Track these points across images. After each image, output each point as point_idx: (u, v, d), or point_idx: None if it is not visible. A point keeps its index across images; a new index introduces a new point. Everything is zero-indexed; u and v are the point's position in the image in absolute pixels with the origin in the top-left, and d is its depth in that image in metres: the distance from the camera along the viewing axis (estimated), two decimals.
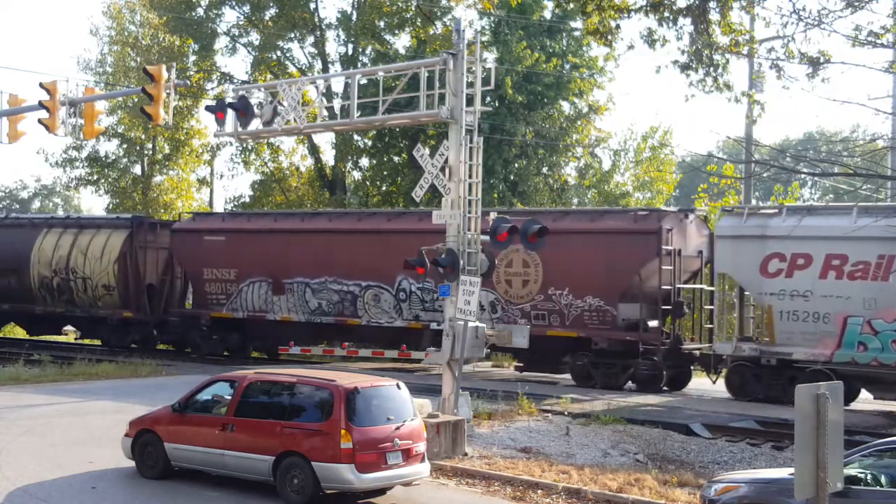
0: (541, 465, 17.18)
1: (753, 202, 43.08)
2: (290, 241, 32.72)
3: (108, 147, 53.14)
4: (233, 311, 33.82)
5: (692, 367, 28.72)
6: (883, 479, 11.50)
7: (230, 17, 50.28)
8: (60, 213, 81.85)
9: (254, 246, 33.33)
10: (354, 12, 45.80)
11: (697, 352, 28.21)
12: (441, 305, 25.11)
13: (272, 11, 46.59)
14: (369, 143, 46.13)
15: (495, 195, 41.43)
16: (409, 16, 45.29)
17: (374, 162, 46.79)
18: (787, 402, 23.45)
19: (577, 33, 42.67)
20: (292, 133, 26.81)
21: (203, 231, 35.03)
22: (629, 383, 27.63)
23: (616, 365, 27.30)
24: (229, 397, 14.91)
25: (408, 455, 14.21)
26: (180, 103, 45.63)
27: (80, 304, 36.94)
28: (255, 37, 48.15)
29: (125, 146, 52.34)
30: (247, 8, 47.27)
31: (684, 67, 17.14)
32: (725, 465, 18.94)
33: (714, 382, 27.69)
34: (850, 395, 25.33)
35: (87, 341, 40.58)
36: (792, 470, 10.43)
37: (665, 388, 27.59)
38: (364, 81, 35.16)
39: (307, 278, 32.30)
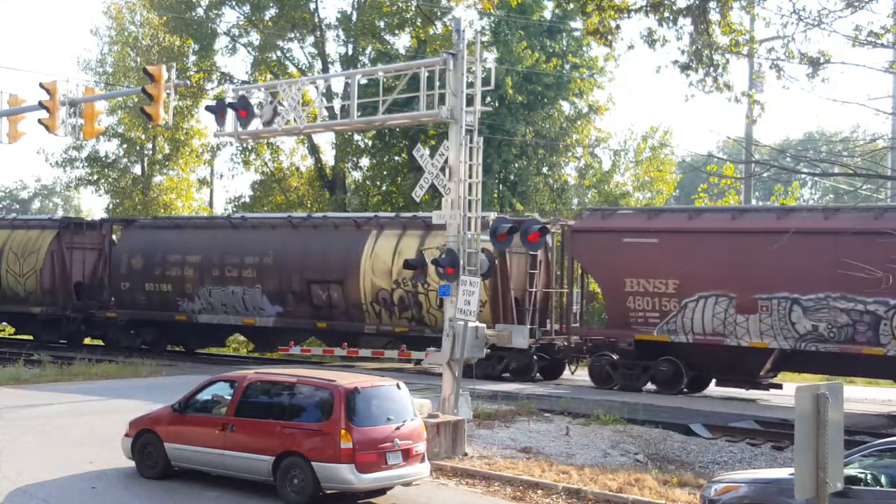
0: (541, 465, 17.18)
1: (754, 202, 43.10)
2: (762, 243, 24.48)
3: (108, 147, 53.18)
4: (669, 332, 26.65)
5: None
6: (883, 479, 11.50)
7: (230, 17, 50.37)
8: (61, 212, 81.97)
9: (706, 250, 26.33)
10: (354, 12, 45.82)
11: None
12: None
13: (272, 11, 46.61)
14: (369, 143, 46.15)
15: (495, 195, 41.45)
16: (409, 16, 45.31)
17: (374, 162, 46.81)
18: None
19: (577, 33, 42.69)
20: (292, 133, 26.81)
21: (622, 231, 27.87)
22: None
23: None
24: (229, 397, 14.91)
25: (408, 455, 14.21)
26: (180, 103, 45.63)
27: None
28: (255, 37, 48.20)
29: (125, 146, 52.34)
30: (247, 8, 47.29)
31: (684, 67, 17.13)
32: (725, 465, 18.94)
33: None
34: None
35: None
36: (792, 470, 10.43)
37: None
38: (364, 81, 35.19)
39: (795, 293, 25.15)
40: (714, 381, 27.76)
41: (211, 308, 34.11)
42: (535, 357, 29.20)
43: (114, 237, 38.41)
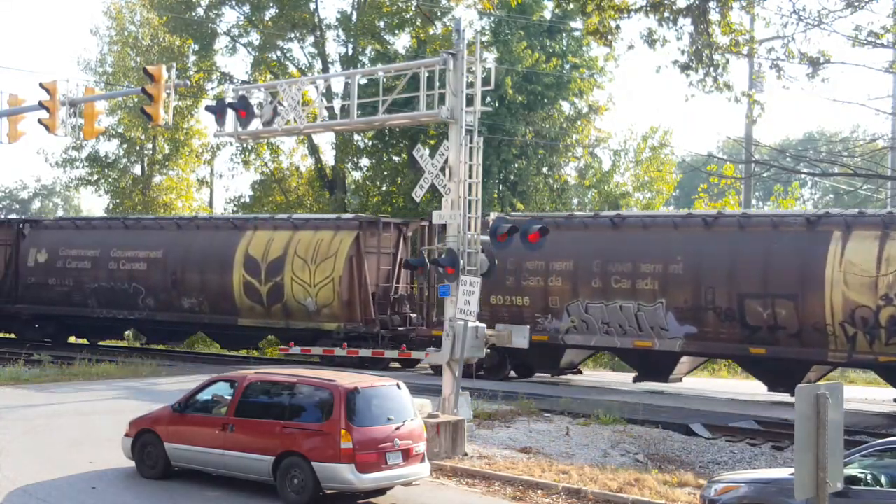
0: (541, 465, 17.18)
1: (754, 202, 43.12)
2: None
3: (108, 147, 53.27)
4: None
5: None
6: (883, 479, 11.51)
7: (230, 17, 50.46)
8: (61, 212, 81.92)
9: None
10: (354, 12, 45.83)
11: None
12: None
13: (272, 11, 46.62)
14: (369, 143, 46.15)
15: (495, 195, 41.44)
16: (409, 16, 45.31)
17: (374, 162, 46.81)
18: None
19: (577, 33, 42.69)
20: (292, 133, 26.81)
21: None
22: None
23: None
24: (229, 397, 14.91)
25: (408, 455, 14.20)
26: (180, 103, 45.64)
27: None
28: (255, 37, 48.22)
29: (125, 146, 52.35)
30: (247, 8, 47.31)
31: (684, 67, 17.17)
32: (725, 465, 18.94)
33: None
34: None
35: None
36: (792, 470, 10.44)
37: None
38: (364, 81, 35.21)
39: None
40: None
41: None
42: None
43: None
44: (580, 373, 31.55)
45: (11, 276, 38.69)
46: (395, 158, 45.61)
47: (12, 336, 39.83)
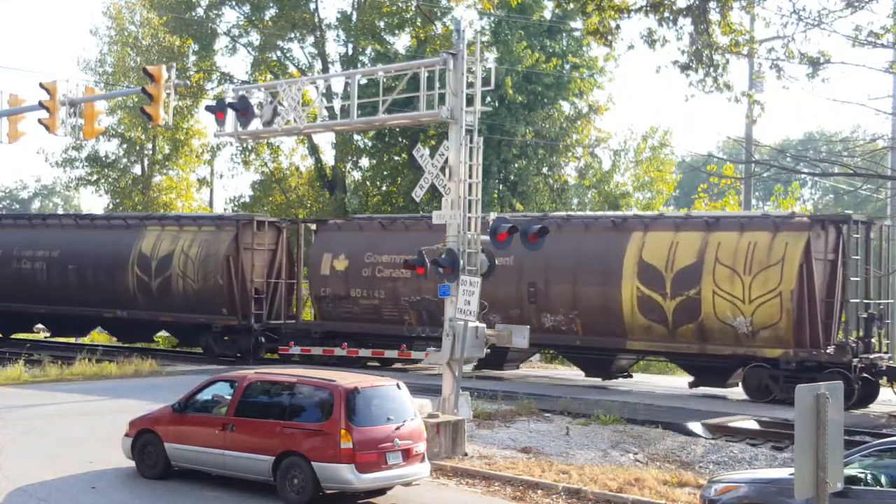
0: (541, 465, 17.18)
1: (754, 202, 43.10)
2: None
3: (108, 147, 53.19)
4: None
5: None
6: (883, 479, 11.50)
7: (230, 17, 50.43)
8: (61, 212, 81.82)
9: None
10: (354, 12, 45.83)
11: None
12: None
13: (272, 11, 46.63)
14: (369, 143, 46.15)
15: (495, 195, 41.44)
16: (409, 16, 45.32)
17: (374, 162, 46.82)
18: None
19: (577, 33, 42.69)
20: (292, 133, 26.81)
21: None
22: None
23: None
24: (229, 397, 14.91)
25: (408, 455, 14.20)
26: (180, 103, 45.65)
27: None
28: (255, 37, 48.22)
29: (125, 146, 52.35)
30: (247, 8, 47.31)
31: (684, 67, 17.18)
32: (725, 465, 18.93)
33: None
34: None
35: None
36: (792, 470, 10.44)
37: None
38: (364, 81, 35.17)
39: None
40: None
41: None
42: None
43: None
44: None
45: None
46: (395, 158, 45.61)
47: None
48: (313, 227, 34.86)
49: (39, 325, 42.22)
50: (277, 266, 34.24)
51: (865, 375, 24.78)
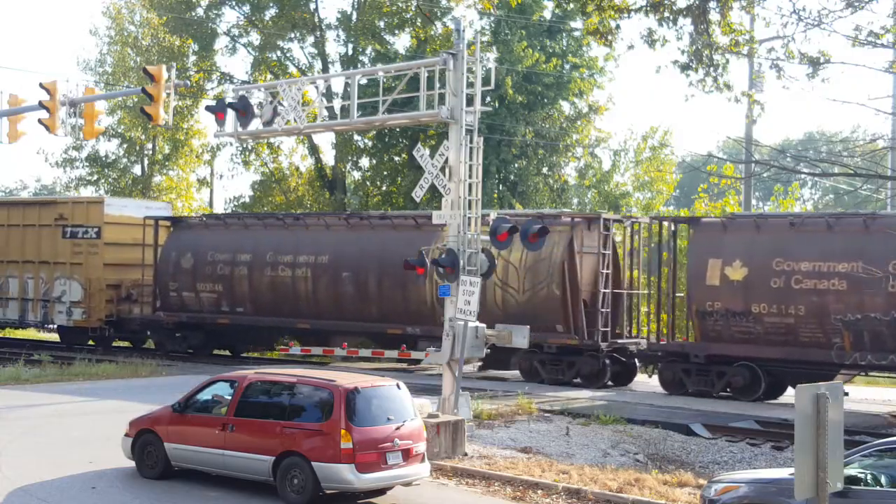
0: (541, 465, 17.19)
1: (754, 202, 43.13)
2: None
3: (108, 147, 53.18)
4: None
5: None
6: (883, 479, 11.50)
7: (230, 17, 50.37)
8: None
9: None
10: (354, 12, 45.84)
11: None
12: None
13: (272, 11, 46.63)
14: (369, 143, 46.16)
15: (494, 195, 41.45)
16: (409, 16, 45.33)
17: (374, 162, 46.83)
18: None
19: (577, 33, 42.70)
20: (292, 133, 26.82)
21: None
22: None
23: None
24: (229, 397, 14.91)
25: (408, 455, 14.20)
26: (180, 103, 45.63)
27: None
28: (255, 37, 48.22)
29: (125, 146, 52.35)
30: (247, 8, 47.31)
31: (684, 67, 17.15)
32: (725, 465, 18.95)
33: None
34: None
35: None
36: (792, 470, 10.44)
37: None
38: (364, 81, 35.19)
39: None
40: None
41: None
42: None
43: None
44: None
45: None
46: (395, 158, 45.62)
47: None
48: (669, 225, 28.82)
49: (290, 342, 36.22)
50: (605, 272, 28.20)
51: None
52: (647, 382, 29.33)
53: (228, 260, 33.32)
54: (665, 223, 28.96)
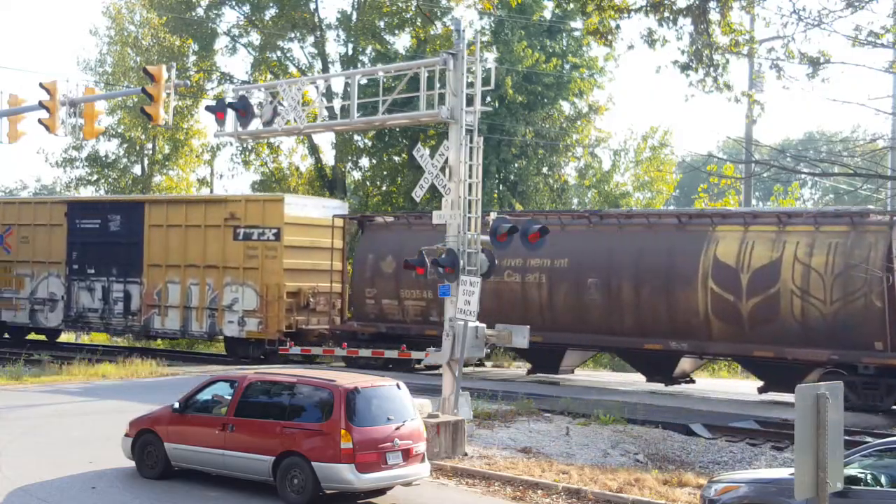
0: (541, 465, 17.19)
1: (754, 202, 43.15)
2: None
3: (108, 147, 53.21)
4: None
5: None
6: (883, 479, 11.51)
7: (230, 17, 50.40)
8: None
9: None
10: (354, 12, 45.85)
11: None
12: None
13: (272, 11, 46.64)
14: (369, 143, 46.17)
15: (495, 195, 41.44)
16: (409, 16, 45.35)
17: (374, 162, 46.85)
18: None
19: (577, 33, 42.70)
20: (292, 133, 26.83)
21: None
22: None
23: None
24: (229, 397, 14.92)
25: (408, 455, 14.21)
26: (180, 103, 45.64)
27: None
28: (255, 37, 48.23)
29: (125, 146, 52.36)
30: (247, 8, 47.32)
31: (684, 67, 17.16)
32: (725, 465, 18.95)
33: None
34: None
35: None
36: (792, 470, 10.44)
37: None
38: (364, 81, 35.20)
39: None
40: None
41: None
42: None
43: None
44: None
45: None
46: (395, 158, 45.63)
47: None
48: None
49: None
50: None
51: None
52: None
53: None
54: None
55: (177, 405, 15.38)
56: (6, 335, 38.69)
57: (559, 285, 27.90)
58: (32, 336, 39.47)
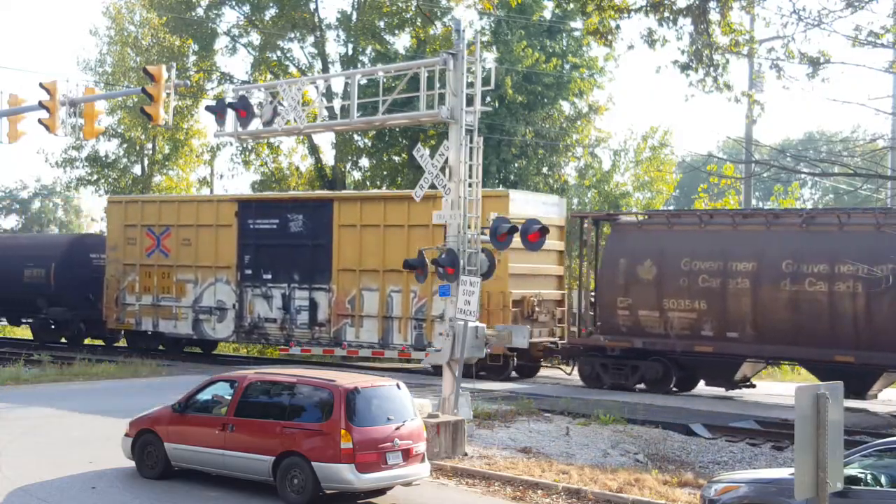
0: (541, 465, 17.19)
1: (754, 202, 43.15)
2: None
3: (108, 147, 53.15)
4: None
5: None
6: (883, 479, 11.50)
7: (230, 17, 50.35)
8: (61, 213, 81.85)
9: None
10: (354, 12, 45.83)
11: None
12: None
13: (272, 11, 46.61)
14: (369, 143, 46.15)
15: None
16: (409, 16, 45.31)
17: (374, 162, 46.83)
18: None
19: (577, 33, 42.67)
20: (292, 133, 26.82)
21: None
22: None
23: None
24: (229, 397, 14.92)
25: (408, 455, 14.21)
26: (180, 103, 45.61)
27: None
28: (255, 37, 48.19)
29: (125, 146, 52.34)
30: (247, 8, 47.29)
31: (684, 67, 17.16)
32: (725, 465, 18.95)
33: None
34: None
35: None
36: (792, 470, 10.44)
37: None
38: (364, 81, 35.19)
39: None
40: None
41: None
42: None
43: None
44: None
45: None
46: (395, 158, 45.61)
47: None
48: None
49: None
50: None
51: None
52: None
53: (716, 269, 25.78)
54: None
55: (177, 405, 15.39)
56: (161, 346, 35.60)
57: (884, 296, 23.81)
58: (188, 349, 36.63)
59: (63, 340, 39.04)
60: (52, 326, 39.23)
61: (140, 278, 34.75)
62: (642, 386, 27.02)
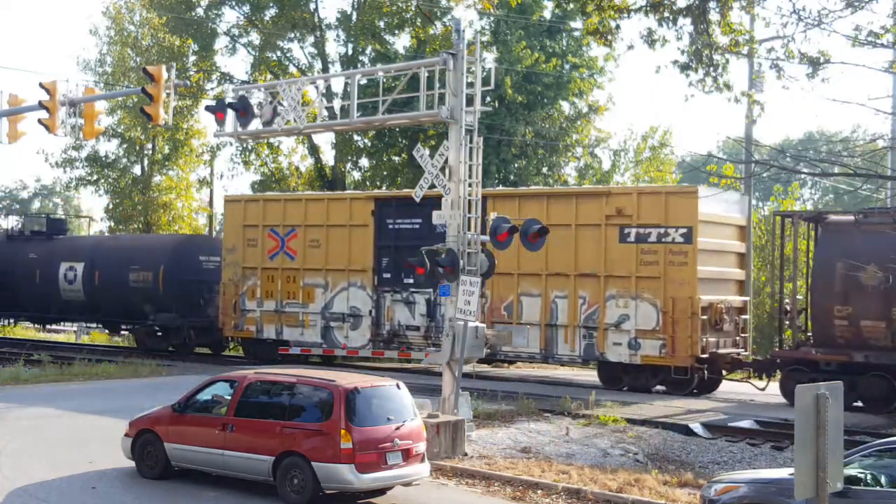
0: (541, 465, 17.19)
1: (754, 202, 43.11)
2: None
3: (108, 147, 53.16)
4: None
5: None
6: (883, 479, 11.50)
7: (230, 17, 50.37)
8: (60, 212, 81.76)
9: None
10: (354, 12, 45.84)
11: None
12: None
13: (272, 11, 46.63)
14: (369, 142, 46.16)
15: None
16: (409, 16, 45.32)
17: (374, 162, 46.84)
18: None
19: (577, 33, 42.69)
20: (292, 133, 26.82)
21: None
22: None
23: None
24: (229, 397, 14.92)
25: (408, 455, 14.21)
26: (180, 103, 45.60)
27: None
28: (255, 37, 48.20)
29: (125, 146, 52.33)
30: (247, 8, 47.31)
31: (684, 67, 17.17)
32: (725, 465, 18.95)
33: None
34: None
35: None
36: (792, 470, 10.44)
37: None
38: (364, 81, 35.20)
39: None
40: None
41: None
42: None
43: None
44: None
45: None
46: (395, 158, 45.62)
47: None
48: None
49: None
50: None
51: None
52: None
53: None
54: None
55: (177, 405, 15.39)
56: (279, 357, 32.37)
57: None
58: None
59: (171, 348, 36.04)
60: (159, 333, 36.29)
61: (262, 283, 32.55)
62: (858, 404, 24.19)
